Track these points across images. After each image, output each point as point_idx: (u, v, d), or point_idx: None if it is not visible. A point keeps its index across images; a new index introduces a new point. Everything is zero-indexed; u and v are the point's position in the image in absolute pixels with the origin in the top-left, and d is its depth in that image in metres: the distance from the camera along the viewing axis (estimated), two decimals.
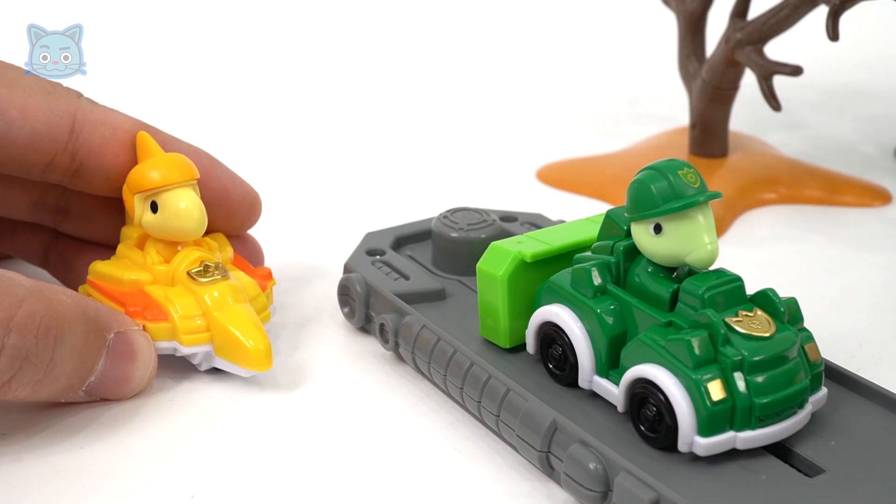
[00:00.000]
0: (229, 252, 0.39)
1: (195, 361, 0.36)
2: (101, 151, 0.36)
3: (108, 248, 0.40)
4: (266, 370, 0.36)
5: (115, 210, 0.39)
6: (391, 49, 0.80)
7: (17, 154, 0.35)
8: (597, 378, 0.31)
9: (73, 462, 0.32)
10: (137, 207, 0.36)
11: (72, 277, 0.41)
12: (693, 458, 0.29)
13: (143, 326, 0.35)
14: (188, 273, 0.36)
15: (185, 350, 0.36)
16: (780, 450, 0.30)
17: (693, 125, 0.53)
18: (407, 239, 0.42)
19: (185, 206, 0.36)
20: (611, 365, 0.31)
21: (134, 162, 0.37)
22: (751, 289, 0.31)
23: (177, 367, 0.37)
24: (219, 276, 0.36)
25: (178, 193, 0.36)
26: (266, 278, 0.39)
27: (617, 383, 0.31)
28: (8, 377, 0.31)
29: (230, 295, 0.36)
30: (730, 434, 0.29)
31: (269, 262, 0.45)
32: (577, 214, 0.38)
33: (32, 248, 0.41)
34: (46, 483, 0.31)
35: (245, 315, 0.36)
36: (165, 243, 0.37)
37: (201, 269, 0.36)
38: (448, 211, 0.41)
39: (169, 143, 0.38)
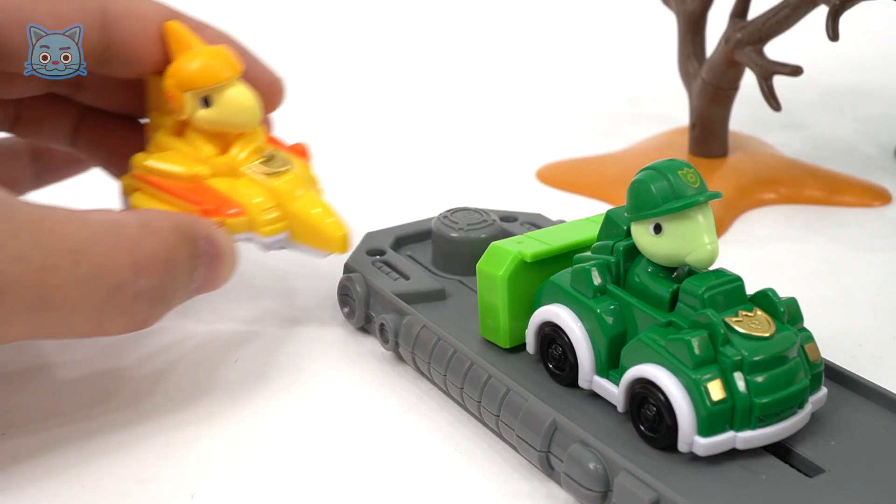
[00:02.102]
0: (264, 134, 0.39)
1: (266, 245, 0.37)
2: (132, 44, 0.37)
3: (130, 120, 0.41)
4: (345, 252, 0.37)
5: (127, 82, 0.40)
6: (391, 49, 0.80)
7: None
8: (597, 378, 0.31)
9: (72, 462, 0.32)
10: (189, 103, 0.37)
11: (104, 158, 0.42)
12: (693, 458, 0.29)
13: (222, 224, 0.35)
14: (254, 166, 0.37)
15: (263, 240, 0.36)
16: (780, 450, 0.30)
17: (693, 125, 0.53)
18: (407, 239, 0.42)
19: (247, 101, 0.37)
20: (611, 365, 0.31)
21: (163, 51, 0.37)
22: (751, 289, 0.31)
23: (177, 366, 0.37)
24: (285, 167, 0.37)
25: (234, 88, 0.37)
26: (304, 154, 0.40)
27: (617, 383, 0.31)
28: (145, 313, 0.32)
29: (300, 184, 0.37)
30: (730, 434, 0.29)
31: (269, 261, 0.45)
32: (577, 214, 0.38)
33: (60, 128, 0.42)
34: (46, 483, 0.31)
35: (319, 202, 0.37)
36: (213, 134, 0.37)
37: (265, 159, 0.37)
38: (448, 211, 0.41)
39: (198, 30, 0.38)
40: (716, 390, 0.28)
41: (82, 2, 0.36)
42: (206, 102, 0.37)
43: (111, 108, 0.42)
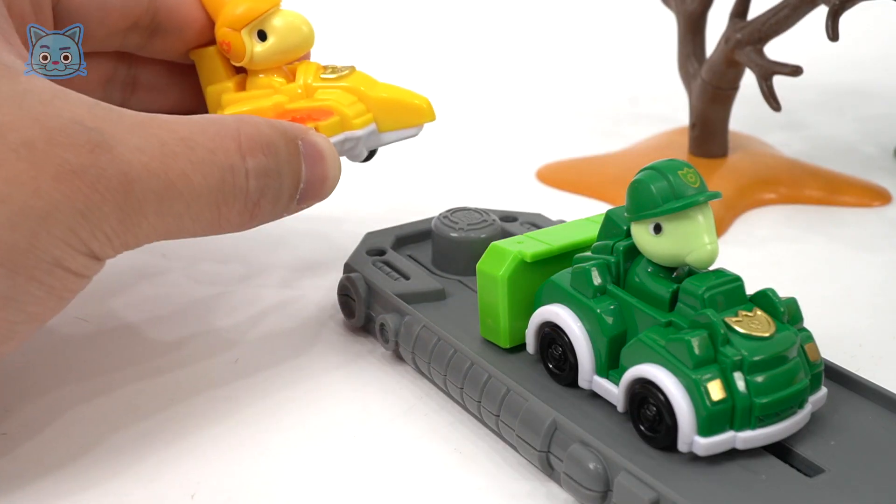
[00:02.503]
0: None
1: (357, 150, 0.39)
2: (178, 7, 0.38)
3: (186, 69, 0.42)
4: (435, 119, 0.39)
5: (181, 79, 0.41)
6: (391, 49, 0.80)
7: (109, 22, 0.37)
8: (597, 378, 0.31)
9: (72, 462, 0.32)
10: (247, 42, 0.38)
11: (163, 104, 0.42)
12: (693, 457, 0.29)
13: (317, 128, 0.37)
14: (323, 77, 0.39)
15: (357, 133, 0.38)
16: (780, 450, 0.30)
17: (693, 125, 0.53)
18: (407, 239, 0.42)
19: (298, 20, 0.39)
20: (611, 365, 0.31)
21: (205, 17, 0.39)
22: (751, 289, 0.31)
23: (176, 366, 0.37)
24: (348, 69, 0.39)
25: (283, 13, 0.39)
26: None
27: (617, 383, 0.31)
28: (257, 197, 0.32)
29: (369, 77, 0.39)
30: (729, 434, 0.29)
31: (269, 261, 0.45)
32: (577, 214, 0.38)
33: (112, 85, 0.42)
34: (46, 483, 0.31)
35: (393, 86, 0.39)
36: (275, 71, 0.39)
37: (329, 71, 0.39)
38: (448, 211, 0.41)
39: None
40: (716, 390, 0.28)
41: None
42: (261, 37, 0.38)
43: (164, 109, 0.42)
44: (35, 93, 0.29)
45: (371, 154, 0.41)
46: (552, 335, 0.32)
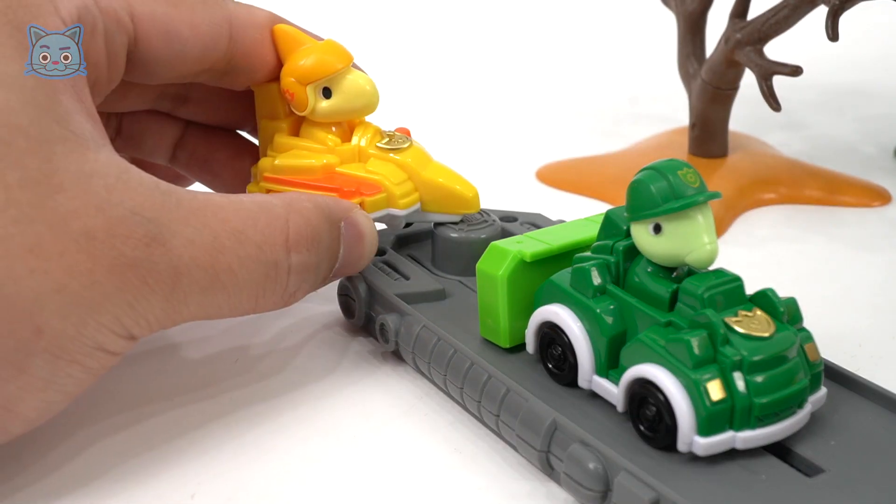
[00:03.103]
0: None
1: (396, 223, 0.39)
2: (254, 52, 0.38)
3: (234, 136, 0.42)
4: (478, 210, 0.39)
5: (232, 98, 0.41)
6: (391, 49, 0.80)
7: (186, 70, 0.36)
8: (596, 378, 0.32)
9: (72, 462, 0.32)
10: (311, 96, 0.38)
11: (207, 174, 0.43)
12: (693, 457, 0.29)
13: (362, 203, 0.37)
14: (379, 146, 0.38)
15: (400, 213, 0.38)
16: (780, 450, 0.30)
17: (693, 125, 0.53)
18: (407, 239, 0.42)
19: (366, 84, 0.38)
20: (610, 365, 0.31)
21: (276, 57, 0.38)
22: (750, 289, 0.31)
23: (177, 366, 0.37)
24: (406, 143, 0.39)
25: (354, 75, 0.38)
26: (408, 135, 0.41)
27: (616, 383, 0.31)
28: (294, 290, 0.34)
29: (424, 155, 0.39)
30: (729, 434, 0.29)
31: None
32: (577, 214, 0.38)
33: (161, 145, 0.43)
34: (46, 483, 0.31)
35: (445, 168, 0.39)
36: (331, 125, 0.39)
37: (387, 140, 0.39)
38: None
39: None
40: (715, 390, 0.28)
41: (213, 13, 0.36)
42: (326, 94, 0.38)
43: (212, 122, 0.43)
44: (101, 175, 0.29)
45: (409, 224, 0.41)
46: (552, 335, 0.32)
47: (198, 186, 0.44)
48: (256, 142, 0.42)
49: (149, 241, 0.29)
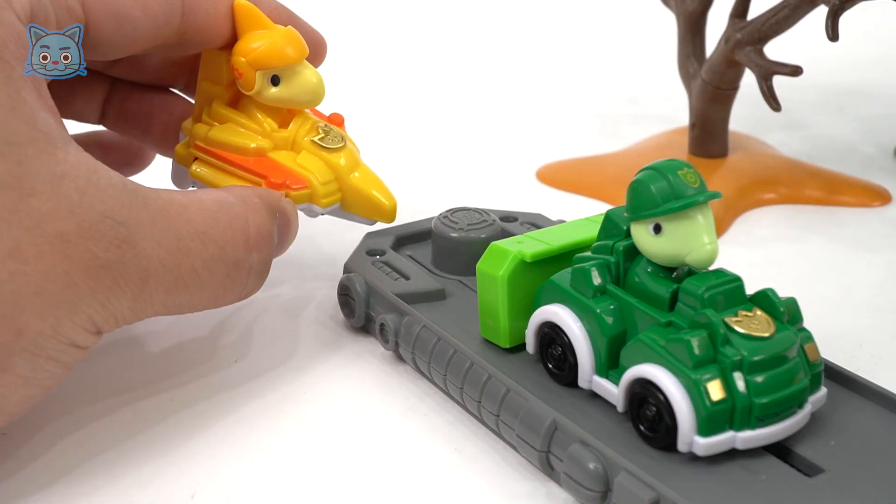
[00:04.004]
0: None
1: (313, 216, 0.39)
2: (206, 27, 0.38)
3: (163, 92, 0.42)
4: (393, 222, 0.40)
5: (165, 54, 0.41)
6: (391, 49, 0.80)
7: (138, 48, 0.37)
8: (596, 378, 0.32)
9: (72, 463, 0.32)
10: (259, 81, 0.38)
11: (136, 131, 0.43)
12: (693, 457, 0.29)
13: (287, 195, 0.37)
14: (314, 141, 0.39)
15: (319, 210, 0.38)
16: (780, 450, 0.30)
17: (693, 125, 0.53)
18: (407, 239, 0.42)
19: (315, 80, 0.38)
20: (610, 365, 0.31)
21: (232, 29, 0.38)
22: (751, 289, 0.31)
23: (177, 366, 0.37)
24: (341, 143, 0.39)
25: (305, 69, 0.38)
26: (341, 123, 0.41)
27: (616, 383, 0.31)
28: (252, 287, 0.35)
29: (355, 158, 0.39)
30: (729, 434, 0.29)
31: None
32: (577, 214, 0.38)
33: (90, 106, 0.43)
34: (46, 483, 0.31)
35: (373, 176, 0.39)
36: (275, 110, 0.39)
37: (322, 135, 0.39)
38: (448, 211, 0.41)
39: (259, 2, 0.39)
40: (715, 390, 0.28)
41: None
42: (274, 81, 0.38)
43: (141, 79, 0.43)
44: (71, 177, 0.29)
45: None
46: (552, 335, 0.32)
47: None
48: (190, 100, 0.43)
49: (119, 243, 0.30)
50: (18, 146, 0.29)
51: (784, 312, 0.30)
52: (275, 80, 0.38)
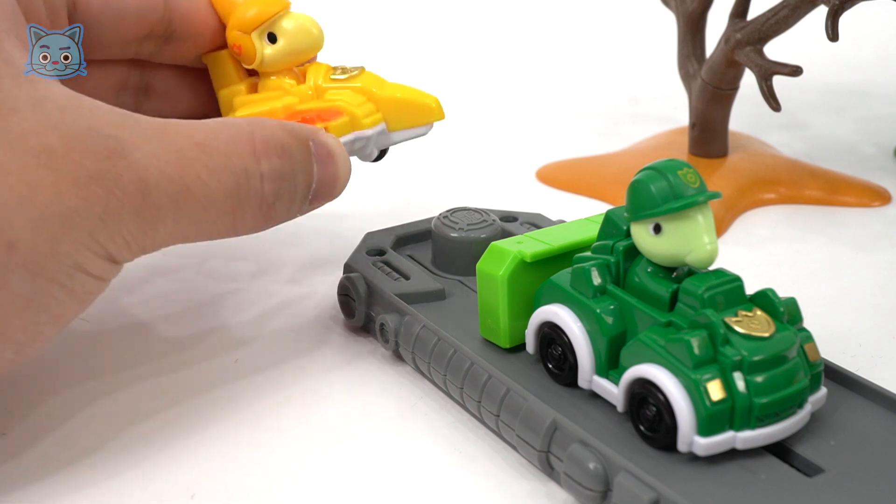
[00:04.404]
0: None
1: (367, 150, 0.39)
2: (191, 14, 0.39)
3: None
4: (443, 119, 0.40)
5: (193, 83, 0.42)
6: (391, 48, 0.80)
7: (128, 33, 0.37)
8: (596, 378, 0.32)
9: (73, 463, 0.32)
10: (257, 44, 0.39)
11: None
12: (693, 457, 0.29)
13: (326, 128, 0.37)
14: (333, 77, 0.39)
15: (367, 133, 0.38)
16: (780, 450, 0.30)
17: (693, 125, 0.53)
18: (407, 239, 0.42)
19: (308, 22, 0.39)
20: (610, 365, 0.31)
21: (217, 23, 0.40)
22: (750, 289, 0.31)
23: (177, 366, 0.37)
24: (357, 70, 0.40)
25: (292, 15, 0.39)
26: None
27: (616, 383, 0.31)
28: (272, 199, 0.33)
29: (378, 77, 0.40)
30: (729, 434, 0.29)
31: (269, 261, 0.45)
32: (577, 214, 0.38)
33: None
34: (46, 484, 0.31)
35: (401, 85, 0.40)
36: (285, 73, 0.40)
37: (339, 71, 0.40)
38: (448, 211, 0.41)
39: None
40: (715, 390, 0.28)
41: None
42: (272, 40, 0.39)
43: (177, 114, 0.43)
44: (52, 99, 0.29)
45: (382, 154, 0.41)
46: (552, 335, 0.32)
47: None
48: None
49: (109, 153, 0.29)
50: None
51: (784, 312, 0.30)
52: (272, 38, 0.39)
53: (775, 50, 0.49)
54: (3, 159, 0.28)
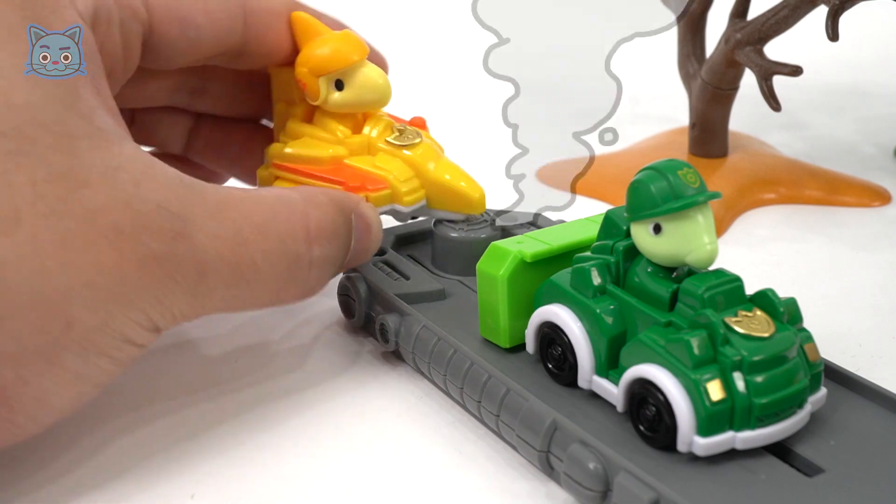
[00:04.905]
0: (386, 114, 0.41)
1: (401, 218, 0.39)
2: (267, 37, 0.38)
3: (249, 123, 0.43)
4: (483, 211, 0.40)
5: (250, 88, 0.41)
6: (391, 48, 0.80)
7: (201, 55, 0.37)
8: (596, 378, 0.31)
9: (73, 463, 0.32)
10: (323, 88, 0.38)
11: (224, 161, 0.43)
12: (692, 457, 0.29)
13: (367, 198, 0.37)
14: (389, 141, 0.39)
15: (405, 210, 0.38)
16: (780, 450, 0.30)
17: (693, 125, 0.53)
18: (407, 239, 0.42)
19: (379, 78, 0.39)
20: (610, 365, 0.31)
21: (292, 42, 0.39)
22: (750, 289, 0.31)
23: (177, 367, 0.37)
24: (417, 139, 0.39)
25: (367, 68, 0.39)
26: (423, 126, 0.41)
27: (616, 383, 0.31)
28: (315, 283, 0.34)
29: (434, 152, 0.39)
30: (729, 434, 0.29)
31: None
32: (577, 214, 0.38)
33: (175, 135, 0.43)
34: (46, 483, 0.31)
35: (454, 167, 0.39)
36: (345, 116, 0.39)
37: (397, 134, 0.39)
38: None
39: (318, 17, 0.39)
40: (715, 390, 0.28)
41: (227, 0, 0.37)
42: (339, 85, 0.38)
43: (227, 113, 0.43)
44: (126, 169, 0.29)
45: (414, 218, 0.41)
46: (552, 335, 0.32)
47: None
48: (271, 125, 0.43)
49: (174, 235, 0.29)
50: (73, 139, 0.28)
51: (784, 312, 0.30)
52: (339, 85, 0.38)
53: (775, 50, 0.49)
54: (74, 237, 0.28)
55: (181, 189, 0.30)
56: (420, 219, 0.42)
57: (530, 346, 0.34)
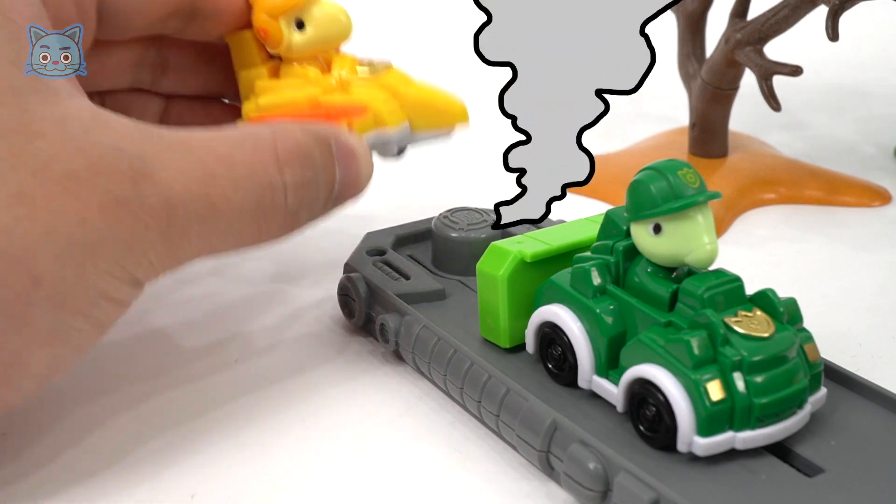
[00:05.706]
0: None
1: (388, 149, 0.38)
2: None
3: (220, 103, 0.43)
4: (468, 123, 0.39)
5: (212, 60, 0.41)
6: (391, 48, 0.80)
7: (154, 17, 0.37)
8: (596, 378, 0.32)
9: (72, 463, 0.32)
10: (284, 30, 0.38)
11: None
12: (692, 457, 0.29)
13: (349, 126, 0.37)
14: (360, 76, 0.39)
15: (390, 132, 0.38)
16: (780, 450, 0.30)
17: (693, 125, 0.53)
18: (407, 239, 0.42)
19: (337, 10, 0.39)
20: (610, 365, 0.31)
21: (246, 6, 0.39)
22: (750, 289, 0.31)
23: (177, 367, 0.37)
24: (386, 67, 0.39)
25: (325, 4, 0.39)
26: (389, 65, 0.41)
27: (616, 383, 0.31)
28: (296, 208, 0.33)
29: (406, 77, 0.39)
30: (729, 434, 0.29)
31: (268, 261, 0.45)
32: (577, 214, 0.38)
33: (146, 119, 0.42)
34: (46, 483, 0.31)
35: (429, 86, 0.39)
36: (311, 60, 0.39)
37: (365, 66, 0.39)
38: (448, 211, 0.41)
39: None
40: (715, 390, 0.28)
41: None
42: (299, 26, 0.38)
43: (193, 91, 0.43)
44: (76, 118, 0.29)
45: (401, 151, 0.40)
46: (552, 335, 0.32)
47: None
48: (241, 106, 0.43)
49: (134, 175, 0.28)
50: (22, 95, 0.28)
51: (784, 312, 0.30)
52: (300, 25, 0.38)
53: (775, 50, 0.49)
54: (28, 188, 0.27)
55: (136, 132, 0.29)
56: (403, 154, 0.41)
57: (530, 346, 0.34)
